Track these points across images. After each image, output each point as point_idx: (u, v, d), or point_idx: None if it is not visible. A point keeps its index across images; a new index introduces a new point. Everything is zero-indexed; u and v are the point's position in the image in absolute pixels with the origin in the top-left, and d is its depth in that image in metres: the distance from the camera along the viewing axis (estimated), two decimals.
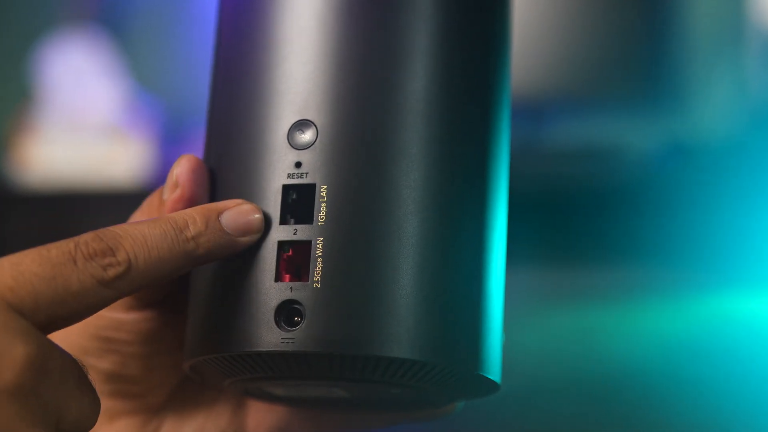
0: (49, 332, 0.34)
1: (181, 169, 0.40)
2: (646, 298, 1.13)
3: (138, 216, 0.42)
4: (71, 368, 0.34)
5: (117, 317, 0.42)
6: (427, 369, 0.38)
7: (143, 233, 0.36)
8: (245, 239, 0.38)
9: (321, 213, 0.38)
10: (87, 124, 1.34)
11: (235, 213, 0.38)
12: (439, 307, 0.38)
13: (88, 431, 0.35)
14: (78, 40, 1.38)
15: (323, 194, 0.38)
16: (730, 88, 1.19)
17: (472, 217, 0.40)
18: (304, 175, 0.38)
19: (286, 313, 0.38)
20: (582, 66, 1.21)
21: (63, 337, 0.38)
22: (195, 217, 0.38)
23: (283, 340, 0.37)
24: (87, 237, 0.35)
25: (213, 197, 0.40)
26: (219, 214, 0.38)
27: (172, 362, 0.44)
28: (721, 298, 1.11)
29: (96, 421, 0.35)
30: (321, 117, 0.39)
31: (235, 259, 0.39)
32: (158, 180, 1.28)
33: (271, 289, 0.38)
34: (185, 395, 0.45)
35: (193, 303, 0.40)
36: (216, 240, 0.38)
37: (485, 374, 0.39)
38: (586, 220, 1.16)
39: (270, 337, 0.37)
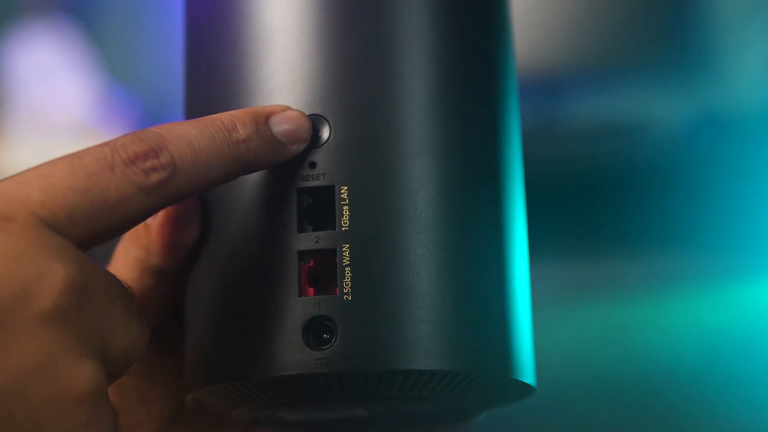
0: (88, 248, 0.33)
1: None
2: (682, 288, 1.09)
3: (119, 252, 0.41)
4: (117, 291, 0.33)
5: None
6: (470, 379, 0.37)
7: (189, 134, 0.35)
8: (294, 147, 0.37)
9: (344, 217, 0.37)
10: (57, 123, 1.32)
11: (285, 118, 0.37)
12: (475, 312, 0.37)
13: (135, 361, 0.34)
14: (44, 32, 1.37)
15: (344, 196, 0.37)
16: (766, 51, 1.16)
17: (494, 210, 0.39)
18: (321, 176, 0.37)
19: (315, 330, 0.36)
20: (600, 34, 1.18)
21: None
22: (244, 119, 0.36)
23: (316, 361, 0.36)
24: (125, 139, 0.34)
25: (209, 212, 0.39)
26: (267, 117, 0.37)
27: (170, 392, 0.43)
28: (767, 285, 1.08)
29: (144, 349, 0.34)
30: (333, 111, 0.38)
31: (244, 274, 0.37)
32: None
33: (296, 305, 0.36)
34: (183, 422, 0.45)
35: (195, 327, 0.39)
36: (266, 145, 0.37)
37: (522, 378, 0.38)
38: (611, 205, 1.13)
39: (300, 358, 0.36)
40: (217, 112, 0.38)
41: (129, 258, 0.41)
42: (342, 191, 0.37)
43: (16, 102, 1.33)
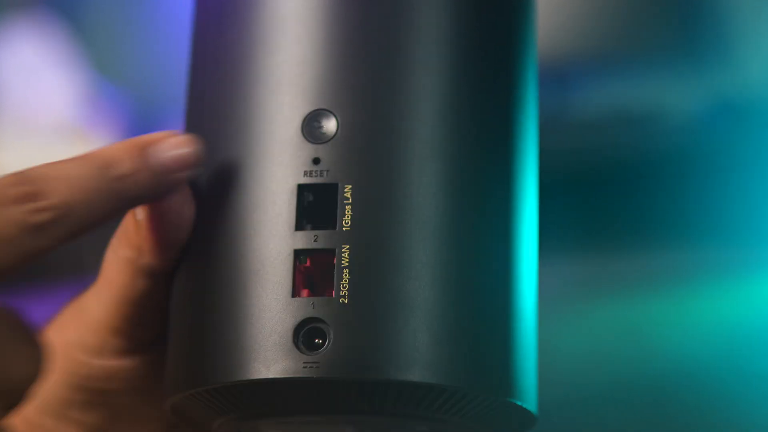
0: None
1: None
2: (699, 284, 1.08)
3: (108, 256, 0.42)
4: (0, 319, 0.33)
5: (108, 365, 0.41)
6: (467, 399, 0.37)
7: (68, 173, 0.36)
8: (179, 176, 0.37)
9: (346, 217, 0.36)
10: (43, 124, 1.32)
11: (168, 146, 0.37)
12: (479, 327, 0.37)
13: (34, 387, 0.33)
14: (27, 29, 1.37)
15: (347, 195, 0.36)
16: None
17: (506, 221, 0.38)
18: (324, 173, 0.37)
19: (306, 333, 0.36)
20: (610, 20, 1.18)
21: (42, 389, 0.37)
22: (122, 152, 0.37)
23: (305, 365, 0.35)
24: (5, 180, 0.35)
25: (203, 204, 0.39)
26: (146, 147, 0.37)
27: (161, 412, 0.43)
28: None
29: (41, 373, 0.34)
30: (341, 105, 0.37)
31: (234, 270, 0.37)
32: None
33: (288, 306, 0.36)
34: None
35: (177, 326, 0.39)
36: (148, 178, 0.37)
37: (524, 404, 0.38)
38: (623, 198, 1.12)
39: (289, 361, 0.36)
40: (219, 104, 0.39)
41: (119, 260, 0.40)
42: (346, 190, 0.36)
43: (0, 102, 1.34)
